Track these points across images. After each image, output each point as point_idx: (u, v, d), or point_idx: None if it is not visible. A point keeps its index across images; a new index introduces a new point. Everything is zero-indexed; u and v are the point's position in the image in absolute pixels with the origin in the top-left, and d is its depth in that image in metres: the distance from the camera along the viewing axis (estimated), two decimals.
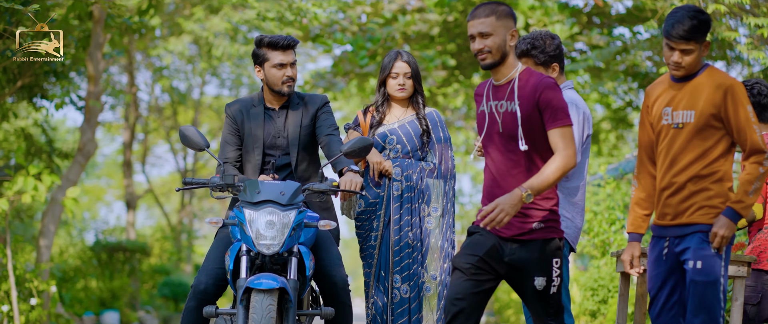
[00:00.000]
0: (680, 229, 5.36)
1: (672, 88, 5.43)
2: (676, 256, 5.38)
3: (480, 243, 5.31)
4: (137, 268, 20.29)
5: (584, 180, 6.27)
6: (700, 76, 5.37)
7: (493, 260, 5.29)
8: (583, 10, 17.69)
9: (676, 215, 5.36)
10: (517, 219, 5.27)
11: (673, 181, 5.36)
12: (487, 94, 5.41)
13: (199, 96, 27.78)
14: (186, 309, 6.01)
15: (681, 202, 5.34)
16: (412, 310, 6.67)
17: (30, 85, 13.05)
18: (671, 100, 5.39)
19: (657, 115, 5.44)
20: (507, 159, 5.30)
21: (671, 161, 5.38)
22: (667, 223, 5.41)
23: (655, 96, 5.49)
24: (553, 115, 5.20)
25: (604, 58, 16.20)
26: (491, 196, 5.34)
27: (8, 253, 11.27)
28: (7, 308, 11.16)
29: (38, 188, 11.11)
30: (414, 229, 6.73)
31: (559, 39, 6.33)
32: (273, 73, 6.28)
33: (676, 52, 5.30)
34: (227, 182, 5.85)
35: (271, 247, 5.63)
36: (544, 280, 5.29)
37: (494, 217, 5.06)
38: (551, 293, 5.32)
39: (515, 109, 5.24)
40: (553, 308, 5.36)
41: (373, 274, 6.75)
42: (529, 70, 5.33)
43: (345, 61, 18.46)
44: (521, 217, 5.27)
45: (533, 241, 5.29)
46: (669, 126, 5.39)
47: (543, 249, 5.29)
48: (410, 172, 6.77)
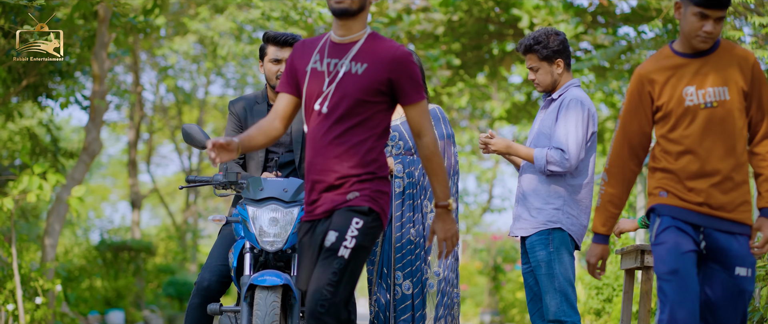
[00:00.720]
0: (728, 224, 4.78)
1: (685, 66, 4.87)
2: (711, 252, 4.80)
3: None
4: (142, 267, 20.29)
5: (589, 178, 6.27)
6: (719, 49, 4.86)
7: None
8: (587, 9, 17.68)
9: (722, 207, 4.77)
10: (333, 194, 4.76)
11: (718, 168, 4.77)
12: (322, 50, 4.79)
13: (204, 96, 27.80)
14: (190, 306, 6.04)
15: (726, 192, 4.77)
16: (415, 306, 6.68)
17: (35, 84, 13.06)
18: (692, 79, 4.82)
19: (674, 98, 4.83)
20: (330, 128, 4.70)
21: (711, 145, 4.78)
22: (708, 211, 4.77)
23: (662, 79, 4.88)
24: (409, 89, 4.69)
25: (609, 58, 16.18)
26: (310, 166, 4.79)
27: (13, 252, 11.28)
28: (13, 307, 11.16)
29: (43, 187, 11.12)
30: (416, 226, 6.74)
31: (564, 35, 6.33)
32: (269, 68, 6.34)
33: (711, 22, 4.76)
34: (230, 180, 5.88)
35: (275, 244, 5.66)
36: (337, 235, 4.65)
37: (451, 246, 4.80)
38: (339, 255, 4.65)
39: (355, 71, 4.69)
40: (338, 276, 4.65)
41: (375, 271, 6.76)
42: (381, 36, 4.77)
43: None
44: (340, 191, 4.76)
45: (346, 209, 4.74)
46: (697, 106, 4.79)
47: (349, 211, 4.71)
48: (412, 169, 6.78)
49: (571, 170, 6.15)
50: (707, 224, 4.78)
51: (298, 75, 4.87)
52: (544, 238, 6.18)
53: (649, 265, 6.59)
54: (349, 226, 4.67)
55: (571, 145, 6.10)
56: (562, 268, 6.14)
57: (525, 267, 6.41)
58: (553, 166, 6.13)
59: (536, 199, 6.24)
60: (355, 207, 4.71)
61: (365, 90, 4.68)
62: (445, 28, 17.87)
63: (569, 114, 6.15)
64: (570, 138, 6.10)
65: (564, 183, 6.20)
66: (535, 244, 6.22)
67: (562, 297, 6.12)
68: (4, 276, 11.27)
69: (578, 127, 6.13)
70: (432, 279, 6.73)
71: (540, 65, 6.30)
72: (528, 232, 6.26)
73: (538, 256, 6.20)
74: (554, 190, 6.20)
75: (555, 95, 6.31)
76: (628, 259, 6.96)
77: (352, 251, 4.65)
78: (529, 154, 6.22)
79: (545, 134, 6.26)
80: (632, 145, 4.95)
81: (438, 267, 6.75)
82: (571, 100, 6.19)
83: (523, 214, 6.30)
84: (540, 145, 6.26)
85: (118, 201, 37.23)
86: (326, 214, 4.77)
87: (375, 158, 4.76)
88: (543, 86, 6.35)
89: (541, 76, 6.32)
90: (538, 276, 6.21)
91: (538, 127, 6.34)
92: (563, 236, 6.17)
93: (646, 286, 6.64)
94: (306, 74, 4.80)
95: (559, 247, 6.16)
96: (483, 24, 18.27)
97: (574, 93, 6.25)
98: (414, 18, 17.68)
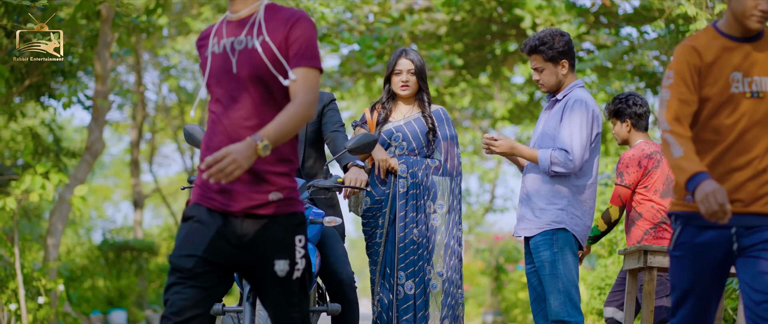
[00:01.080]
0: (755, 218, 4.43)
1: (734, 50, 4.47)
2: (739, 251, 4.46)
3: (198, 235, 4.27)
4: (145, 267, 20.30)
5: (593, 179, 6.26)
6: (765, 36, 4.50)
7: (217, 255, 4.26)
8: (590, 9, 17.67)
9: (752, 202, 4.43)
10: (249, 187, 4.25)
11: (757, 162, 4.42)
12: (219, 32, 4.43)
13: (206, 95, 27.79)
14: None
15: (759, 187, 4.42)
16: (417, 307, 6.67)
17: (37, 84, 13.07)
18: (740, 64, 4.44)
19: (721, 81, 4.44)
20: (236, 110, 4.30)
21: (752, 138, 4.43)
22: (737, 210, 4.40)
23: (711, 56, 4.46)
24: (302, 52, 4.28)
25: (612, 58, 16.17)
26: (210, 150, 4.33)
27: (16, 251, 11.29)
28: (15, 307, 11.17)
29: (46, 187, 11.13)
30: (420, 226, 6.73)
31: (569, 36, 6.33)
32: None
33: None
34: None
35: None
36: (286, 263, 4.29)
37: (223, 167, 3.96)
38: (294, 279, 4.33)
39: (255, 45, 4.30)
40: (297, 297, 4.38)
41: (378, 271, 6.76)
42: (279, 6, 4.40)
43: (352, 61, 18.46)
44: (253, 185, 4.25)
45: (271, 216, 4.27)
46: (742, 95, 4.43)
47: (284, 225, 4.28)
48: (416, 169, 6.77)
49: (575, 171, 6.14)
50: (739, 224, 4.41)
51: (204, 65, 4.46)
52: (548, 239, 6.17)
53: (652, 266, 6.59)
54: (294, 247, 4.29)
55: (575, 146, 6.10)
56: (566, 269, 6.14)
57: (528, 267, 6.41)
58: (557, 167, 6.12)
59: (540, 199, 6.23)
60: (290, 217, 4.28)
61: (269, 64, 4.27)
62: (447, 28, 17.87)
63: (573, 115, 6.14)
64: (574, 139, 6.10)
65: (568, 183, 6.20)
66: (539, 244, 6.21)
67: (566, 297, 6.11)
68: (6, 276, 11.28)
69: (582, 128, 6.12)
70: (435, 280, 6.73)
71: (545, 66, 6.30)
72: (532, 233, 6.25)
73: (542, 256, 6.19)
74: (558, 190, 6.20)
75: (559, 96, 6.31)
76: (630, 259, 6.95)
77: (303, 269, 4.35)
78: (533, 155, 6.21)
79: (549, 135, 6.25)
80: (684, 113, 4.42)
81: (441, 267, 6.75)
82: (575, 101, 6.19)
83: (527, 215, 6.30)
84: (544, 146, 6.26)
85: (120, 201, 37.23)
86: (244, 212, 4.25)
87: (290, 144, 4.33)
88: (547, 87, 6.35)
89: (545, 76, 6.32)
90: (542, 276, 6.20)
91: (543, 128, 6.34)
92: (567, 236, 6.17)
93: (648, 286, 6.63)
94: (207, 60, 4.40)
95: (563, 248, 6.16)
96: (485, 24, 18.27)
97: (578, 94, 6.25)
98: (417, 18, 17.68)
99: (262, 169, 4.22)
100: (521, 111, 21.02)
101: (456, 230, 6.83)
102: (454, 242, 6.81)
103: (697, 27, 11.17)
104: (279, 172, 4.25)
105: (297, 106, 4.16)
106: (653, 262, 6.59)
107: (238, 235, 4.24)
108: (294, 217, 4.28)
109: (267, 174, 4.23)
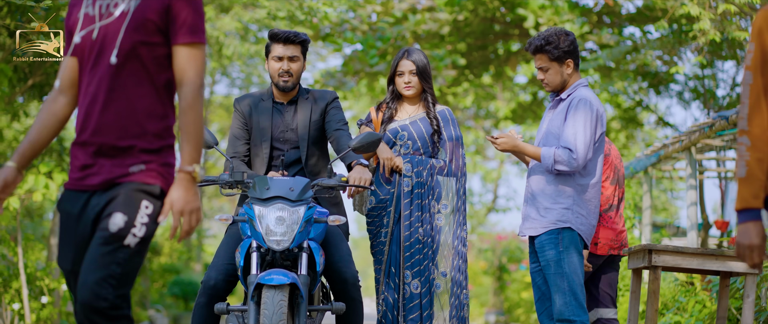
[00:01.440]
0: None
1: None
2: None
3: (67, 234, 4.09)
4: (147, 267, 20.31)
5: (597, 178, 6.25)
6: None
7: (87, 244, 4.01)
8: (593, 9, 17.68)
9: None
10: (111, 162, 3.98)
11: None
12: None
13: (209, 95, 27.81)
14: (197, 305, 6.03)
15: None
16: (423, 306, 6.67)
17: (40, 84, 13.07)
18: None
19: None
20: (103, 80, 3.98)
21: None
22: None
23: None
24: (185, 25, 3.98)
25: (615, 58, 16.18)
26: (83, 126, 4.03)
27: (19, 251, 11.29)
28: (18, 306, 11.17)
29: (49, 187, 11.13)
30: (424, 226, 6.73)
31: (574, 36, 6.32)
32: (272, 65, 6.38)
33: None
34: (236, 179, 5.88)
35: (281, 243, 5.66)
36: (124, 219, 3.87)
37: (186, 228, 3.89)
38: (125, 244, 3.89)
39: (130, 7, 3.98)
40: (121, 269, 3.90)
41: (383, 270, 6.76)
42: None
43: (355, 60, 18.47)
44: (117, 160, 3.99)
45: (127, 182, 3.97)
46: None
47: (137, 188, 3.95)
48: (420, 169, 6.77)
49: (578, 170, 6.14)
50: None
51: (72, 30, 4.10)
52: (554, 238, 6.17)
53: (657, 265, 6.58)
54: (139, 209, 3.90)
55: (579, 145, 6.09)
56: (571, 268, 6.13)
57: (533, 266, 6.40)
58: (560, 165, 6.12)
59: (545, 198, 6.23)
60: (144, 186, 3.95)
61: (139, 28, 3.95)
62: (450, 27, 17.88)
63: (578, 114, 6.14)
64: (578, 138, 6.09)
65: (572, 183, 6.19)
66: (544, 243, 6.21)
67: (571, 296, 6.11)
68: (9, 275, 11.29)
69: (586, 127, 6.12)
70: (439, 280, 6.72)
71: (550, 65, 6.29)
72: (537, 232, 6.25)
73: (547, 255, 6.19)
74: (563, 189, 6.19)
75: (563, 95, 6.30)
76: (635, 258, 6.95)
77: (140, 241, 3.91)
78: (537, 152, 6.21)
79: (554, 134, 6.25)
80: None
81: (445, 268, 6.74)
82: (579, 101, 6.18)
83: (532, 214, 6.30)
84: (548, 145, 6.25)
85: None
86: (103, 186, 3.98)
87: (162, 116, 4.05)
88: (552, 86, 6.34)
89: (550, 76, 6.31)
90: (547, 275, 6.20)
91: (547, 127, 6.33)
92: (573, 236, 6.17)
93: (653, 285, 6.62)
94: (78, 22, 4.06)
95: (569, 247, 6.15)
96: (488, 24, 18.27)
97: (582, 93, 6.24)
98: (419, 18, 17.70)
99: (127, 145, 3.98)
100: (524, 111, 21.03)
101: (460, 231, 6.83)
102: (458, 243, 6.80)
103: (700, 27, 11.16)
104: (144, 148, 3.99)
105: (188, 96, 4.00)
106: (658, 261, 6.58)
107: (95, 206, 3.98)
108: (151, 187, 3.96)
109: (132, 150, 3.98)
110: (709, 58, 15.70)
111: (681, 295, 9.66)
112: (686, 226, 13.02)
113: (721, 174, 14.95)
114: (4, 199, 4.15)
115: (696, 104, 18.67)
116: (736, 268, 6.64)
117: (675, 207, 25.55)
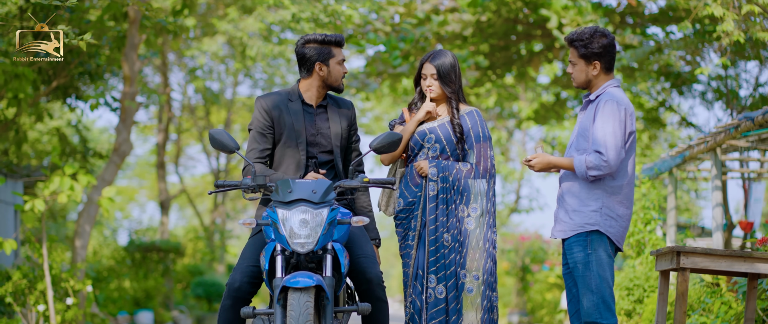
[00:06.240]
0: None
1: None
2: None
3: None
4: (171, 268, 20.37)
5: (629, 179, 6.22)
6: None
7: None
8: (616, 9, 17.61)
9: None
10: None
11: None
12: None
13: (232, 96, 27.84)
14: (222, 308, 6.04)
15: None
16: (449, 311, 6.65)
17: (64, 85, 13.12)
18: None
19: None
20: None
21: None
22: None
23: None
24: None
25: (638, 58, 16.13)
26: None
27: (44, 253, 11.33)
28: (44, 308, 11.21)
29: (74, 188, 11.16)
30: (451, 230, 6.71)
31: (613, 39, 6.29)
32: (337, 69, 6.47)
33: None
34: (259, 183, 5.89)
35: (306, 245, 5.66)
36: None
37: None
38: None
39: None
40: None
41: (411, 273, 6.75)
42: None
43: (378, 62, 18.47)
44: None
45: None
46: None
47: None
48: (446, 174, 6.75)
49: (612, 171, 6.11)
50: None
51: None
52: (582, 241, 6.15)
53: (685, 267, 6.55)
54: None
55: (609, 146, 6.06)
56: (600, 270, 6.10)
57: (564, 268, 6.39)
58: (593, 171, 6.09)
59: (573, 200, 6.21)
60: None
61: None
62: (473, 28, 17.85)
63: (605, 114, 6.12)
64: (607, 139, 6.07)
65: (603, 185, 6.17)
66: (572, 245, 6.19)
67: (599, 298, 6.08)
68: (35, 277, 11.33)
69: (615, 127, 6.09)
70: (470, 283, 6.70)
71: (577, 61, 6.29)
72: (566, 235, 6.23)
73: (575, 257, 6.17)
74: (592, 192, 6.17)
75: (592, 96, 6.29)
76: (663, 260, 6.91)
77: None
78: (570, 163, 6.19)
79: (584, 137, 6.23)
80: None
81: (476, 270, 6.72)
82: (607, 101, 6.16)
83: (562, 216, 6.28)
84: (580, 147, 6.23)
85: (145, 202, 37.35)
86: None
87: None
88: (576, 82, 6.35)
89: (576, 72, 6.32)
90: (576, 277, 6.19)
91: (578, 129, 6.32)
92: (601, 239, 6.14)
93: (681, 287, 6.59)
94: None
95: (597, 249, 6.12)
96: (511, 24, 18.23)
97: (610, 93, 6.22)
98: (442, 19, 17.67)
99: None
100: (547, 111, 20.98)
101: (490, 233, 6.80)
102: (488, 245, 6.78)
103: (723, 28, 11.10)
104: None
105: None
106: (686, 263, 6.55)
107: None
108: None
109: None
110: (733, 58, 15.63)
111: (707, 295, 9.61)
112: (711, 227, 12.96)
113: (744, 174, 14.87)
114: None
115: (719, 104, 18.59)
116: (764, 270, 6.60)
117: (697, 207, 25.45)
